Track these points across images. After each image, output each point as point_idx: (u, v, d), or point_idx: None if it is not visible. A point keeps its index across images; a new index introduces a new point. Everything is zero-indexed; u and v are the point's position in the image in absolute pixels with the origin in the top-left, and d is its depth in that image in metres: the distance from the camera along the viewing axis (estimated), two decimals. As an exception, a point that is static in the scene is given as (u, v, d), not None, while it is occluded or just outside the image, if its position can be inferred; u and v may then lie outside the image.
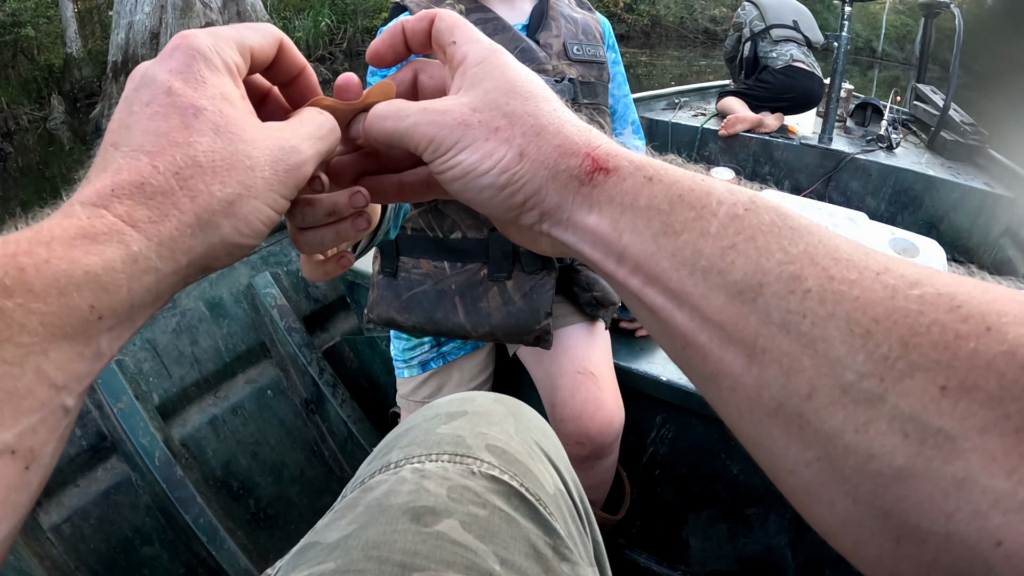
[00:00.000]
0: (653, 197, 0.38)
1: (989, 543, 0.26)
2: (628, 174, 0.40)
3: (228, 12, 10.28)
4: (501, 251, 1.25)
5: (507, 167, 0.41)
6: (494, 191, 0.42)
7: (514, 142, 0.42)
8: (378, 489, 0.57)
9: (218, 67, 0.40)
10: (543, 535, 0.57)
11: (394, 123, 0.44)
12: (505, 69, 0.44)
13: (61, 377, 0.33)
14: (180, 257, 0.37)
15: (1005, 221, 3.17)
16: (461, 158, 0.42)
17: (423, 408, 0.71)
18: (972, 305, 0.29)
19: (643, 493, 1.57)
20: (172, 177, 0.36)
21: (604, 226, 0.40)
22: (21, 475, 0.32)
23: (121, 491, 1.59)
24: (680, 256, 0.36)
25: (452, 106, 0.43)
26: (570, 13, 1.32)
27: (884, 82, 14.47)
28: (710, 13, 19.31)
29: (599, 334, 1.36)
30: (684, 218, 0.37)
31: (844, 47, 3.41)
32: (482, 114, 0.42)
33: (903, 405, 0.28)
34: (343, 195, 0.47)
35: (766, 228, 0.35)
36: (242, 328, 1.92)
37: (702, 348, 0.35)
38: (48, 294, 0.32)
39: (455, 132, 0.42)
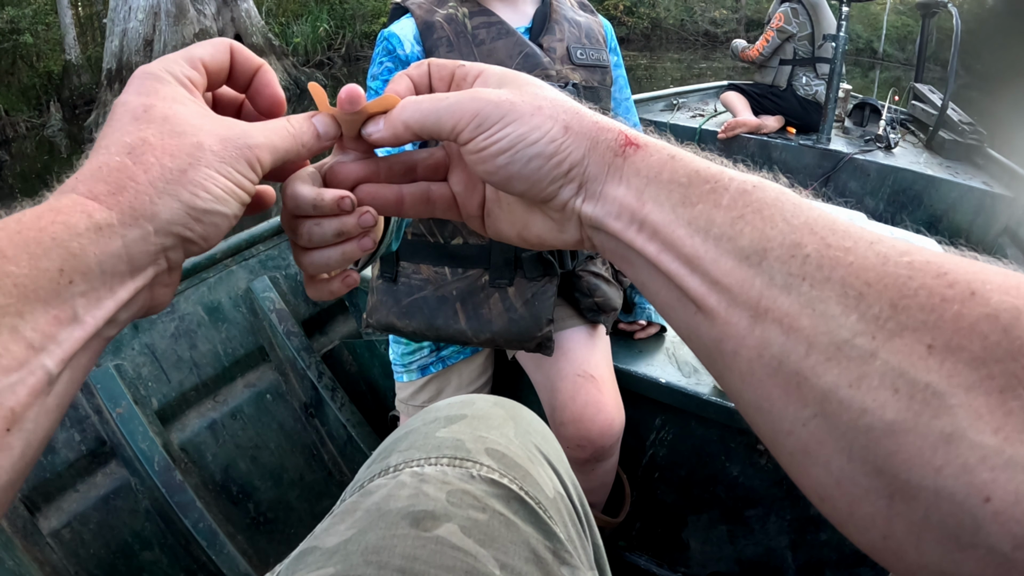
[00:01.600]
0: (675, 172, 0.42)
1: (977, 499, 0.27)
2: (655, 150, 0.43)
3: (222, 19, 10.28)
4: (503, 257, 1.24)
5: (555, 137, 0.44)
6: (542, 160, 0.44)
7: (559, 118, 0.45)
8: (377, 493, 0.57)
9: (167, 79, 0.44)
10: (543, 539, 0.57)
11: (432, 104, 0.46)
12: (527, 79, 0.48)
13: (38, 339, 0.35)
14: (144, 223, 0.39)
15: (1004, 220, 3.17)
16: (509, 130, 0.44)
17: (422, 411, 0.71)
18: (958, 273, 0.31)
19: (643, 495, 1.57)
20: (126, 156, 0.39)
21: (630, 196, 0.43)
22: (2, 436, 0.33)
23: (120, 496, 1.58)
24: (695, 224, 0.39)
25: (494, 91, 0.46)
26: (573, 16, 1.31)
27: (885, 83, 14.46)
28: (710, 15, 19.31)
29: (599, 337, 1.36)
30: (700, 191, 0.40)
31: (842, 47, 3.42)
32: (524, 96, 0.45)
33: (893, 361, 0.30)
34: (351, 216, 0.48)
35: (771, 202, 0.38)
36: (241, 332, 1.92)
37: (711, 311, 0.38)
38: (19, 258, 0.34)
39: (501, 108, 0.45)
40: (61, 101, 10.05)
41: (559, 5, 1.30)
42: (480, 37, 1.20)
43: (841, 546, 1.40)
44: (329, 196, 0.47)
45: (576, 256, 1.29)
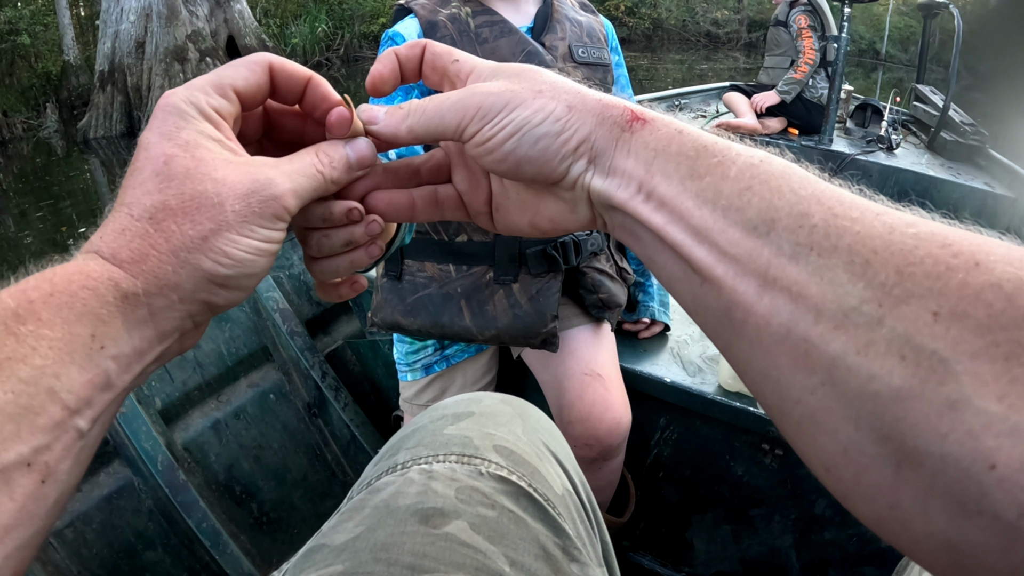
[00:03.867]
0: (683, 145, 0.42)
1: (983, 465, 0.27)
2: (662, 124, 0.44)
3: (215, 20, 10.25)
4: (507, 254, 1.24)
5: (560, 116, 0.44)
6: (550, 139, 0.45)
7: (560, 98, 0.45)
8: (385, 491, 0.57)
9: (191, 115, 0.43)
10: (552, 536, 0.57)
11: (436, 106, 0.46)
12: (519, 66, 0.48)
13: (73, 400, 0.36)
14: (169, 293, 0.40)
15: (1006, 221, 3.18)
16: (514, 115, 0.45)
17: (429, 409, 0.71)
18: (962, 244, 0.31)
19: (647, 495, 1.57)
20: (146, 222, 0.40)
21: (639, 168, 0.43)
22: (38, 487, 0.35)
23: (124, 496, 1.58)
24: (703, 196, 0.40)
25: (491, 83, 0.46)
26: (574, 16, 1.32)
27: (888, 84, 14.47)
28: (712, 16, 19.30)
29: (605, 336, 1.36)
30: (708, 163, 0.40)
31: (844, 48, 3.42)
32: (523, 83, 0.46)
33: (900, 328, 0.30)
34: (359, 226, 0.49)
35: (778, 174, 0.39)
36: (244, 332, 1.92)
37: (718, 281, 0.38)
38: (54, 323, 0.36)
39: (503, 97, 0.45)
40: (59, 102, 10.05)
41: (560, 5, 1.31)
42: (483, 35, 1.21)
43: (845, 546, 1.40)
44: (338, 209, 0.48)
45: (580, 252, 1.29)
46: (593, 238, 1.30)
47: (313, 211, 0.48)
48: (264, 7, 13.28)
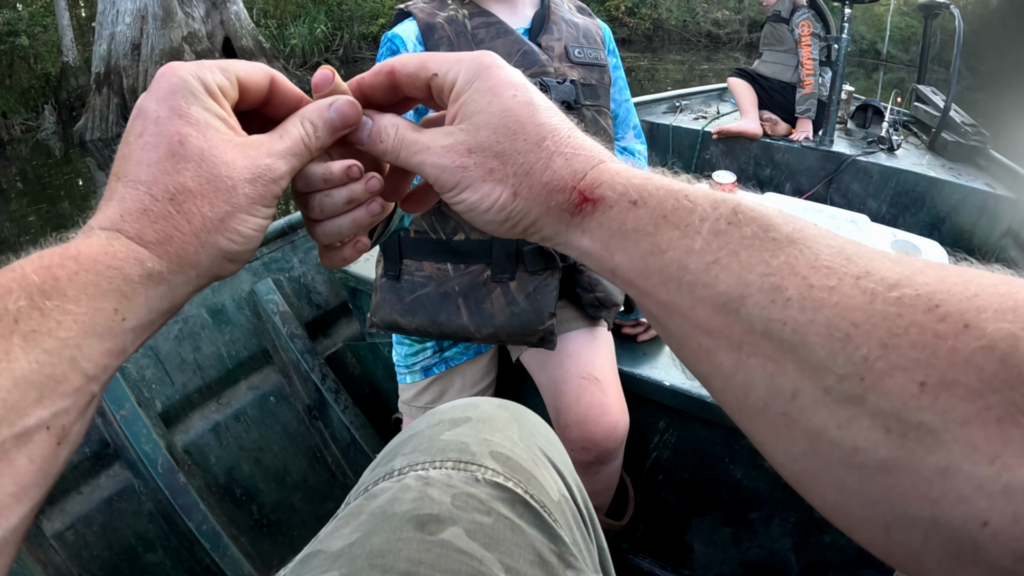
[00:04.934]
0: (639, 220, 0.41)
1: (975, 524, 0.27)
2: (613, 202, 0.43)
3: (211, 21, 10.24)
4: (504, 252, 1.25)
5: (504, 206, 0.46)
6: (496, 224, 0.47)
7: (507, 182, 0.46)
8: (382, 497, 0.57)
9: (200, 92, 0.45)
10: (548, 542, 0.57)
11: (407, 156, 0.49)
12: (495, 94, 0.47)
13: (92, 368, 0.39)
14: (189, 270, 0.43)
15: (1007, 222, 3.17)
16: (463, 197, 0.47)
17: (426, 414, 0.71)
18: (951, 304, 0.30)
19: (647, 498, 1.57)
20: (168, 203, 0.42)
21: (596, 248, 0.43)
22: (53, 449, 0.37)
23: (124, 498, 1.59)
24: (667, 272, 0.39)
25: (451, 145, 0.47)
26: (571, 18, 1.33)
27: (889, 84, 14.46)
28: (712, 16, 19.28)
29: (603, 339, 1.36)
30: (669, 237, 0.40)
31: (844, 49, 3.42)
32: (477, 155, 0.46)
33: (884, 403, 0.30)
34: (359, 183, 0.51)
35: (748, 242, 0.37)
36: (244, 335, 1.92)
37: (695, 351, 0.39)
38: (79, 299, 0.38)
39: (455, 175, 0.46)
40: (59, 103, 10.04)
41: (557, 7, 1.32)
42: (480, 36, 1.22)
43: (845, 549, 1.40)
44: (337, 167, 0.50)
45: None
46: None
47: (314, 173, 0.50)
48: (263, 8, 13.27)
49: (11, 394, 0.35)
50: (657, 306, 0.40)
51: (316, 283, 2.11)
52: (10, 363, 0.35)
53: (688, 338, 0.39)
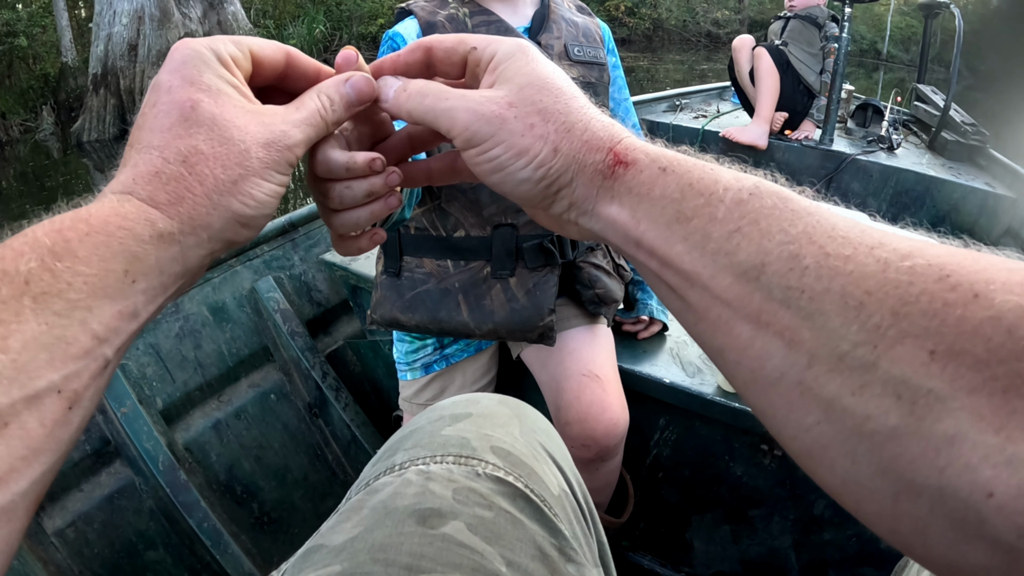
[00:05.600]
0: (666, 187, 0.41)
1: (981, 495, 0.27)
2: (644, 166, 0.43)
3: (208, 22, 10.23)
4: (504, 249, 1.25)
5: (543, 162, 0.45)
6: (530, 184, 0.46)
7: (548, 138, 0.45)
8: (383, 491, 0.57)
9: (211, 61, 0.45)
10: (548, 536, 0.57)
11: (433, 101, 0.47)
12: (535, 64, 0.47)
13: (102, 330, 0.39)
14: (200, 232, 0.43)
15: (1007, 221, 3.18)
16: (497, 152, 0.45)
17: (427, 410, 0.71)
18: (961, 274, 0.31)
19: (647, 495, 1.57)
20: (180, 165, 0.42)
21: (624, 215, 0.43)
22: (65, 414, 0.37)
23: (125, 496, 1.59)
24: (691, 240, 0.39)
25: (489, 98, 0.46)
26: (571, 17, 1.33)
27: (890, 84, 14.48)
28: (712, 16, 19.32)
29: (603, 336, 1.36)
30: (694, 205, 0.40)
31: (845, 48, 3.42)
32: (518, 109, 0.45)
33: (895, 370, 0.30)
34: (379, 177, 0.51)
35: (768, 211, 0.38)
36: (245, 332, 1.93)
37: (712, 323, 0.39)
38: (90, 260, 0.38)
39: (491, 124, 0.45)
40: (57, 103, 10.03)
41: (557, 7, 1.33)
42: None
43: (844, 546, 1.40)
44: (361, 159, 0.50)
45: (576, 247, 1.30)
46: None
47: (337, 161, 0.50)
48: (261, 8, 13.28)
49: (21, 355, 0.35)
50: (678, 277, 0.40)
51: (317, 281, 2.11)
52: (20, 325, 0.35)
53: (707, 310, 0.39)
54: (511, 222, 1.24)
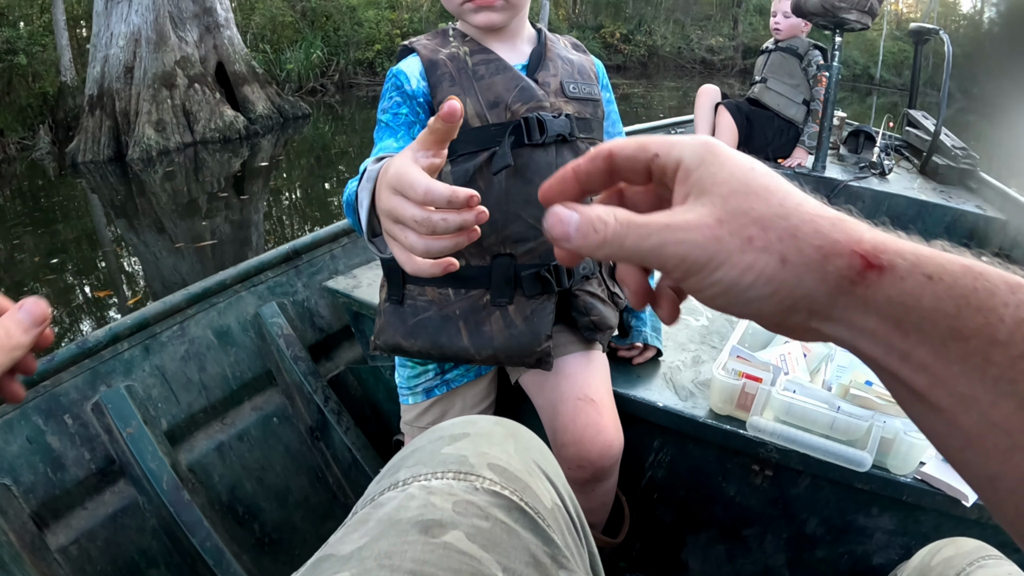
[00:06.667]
0: (938, 299, 0.37)
1: None
2: (905, 272, 0.38)
3: (205, 46, 10.19)
4: (503, 277, 1.29)
5: (771, 277, 0.39)
6: (762, 301, 0.41)
7: (772, 249, 0.39)
8: (388, 505, 0.61)
9: None
10: (542, 545, 0.61)
11: (636, 242, 0.42)
12: (731, 165, 0.43)
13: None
14: None
15: (997, 242, 3.23)
16: (719, 276, 0.40)
17: (427, 431, 0.75)
18: None
19: (642, 516, 1.60)
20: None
21: (885, 327, 0.38)
22: None
23: (128, 514, 1.61)
24: (970, 362, 0.35)
25: (695, 219, 0.41)
26: (566, 55, 1.38)
27: (883, 108, 14.58)
28: (707, 43, 19.46)
29: (598, 362, 1.40)
30: (973, 324, 0.36)
31: (836, 77, 3.46)
32: (730, 224, 0.40)
33: None
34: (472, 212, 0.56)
35: None
36: (249, 356, 1.96)
37: (987, 451, 0.35)
38: None
39: (707, 249, 0.40)
40: (55, 122, 9.96)
41: (553, 45, 1.37)
42: (480, 72, 1.27)
43: (837, 564, 1.43)
44: (464, 192, 0.55)
45: (572, 275, 1.34)
46: (584, 262, 1.35)
47: (440, 193, 0.55)
48: (259, 32, 13.37)
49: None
50: (952, 398, 0.36)
51: (319, 307, 2.14)
52: None
53: (982, 436, 0.35)
54: (509, 252, 1.28)
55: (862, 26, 3.33)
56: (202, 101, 9.57)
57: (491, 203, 1.24)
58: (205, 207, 6.86)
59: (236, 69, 10.49)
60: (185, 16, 10.00)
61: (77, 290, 5.02)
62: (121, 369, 1.70)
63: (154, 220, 6.59)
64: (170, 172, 8.14)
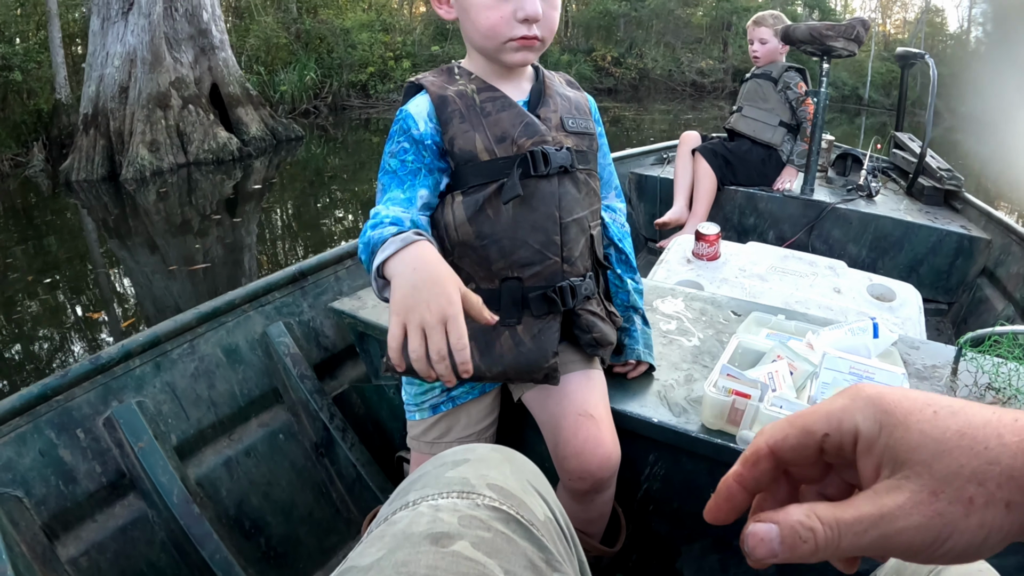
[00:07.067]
0: None
1: None
2: None
3: (199, 67, 10.20)
4: (511, 299, 1.36)
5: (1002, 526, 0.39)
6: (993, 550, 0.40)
7: (995, 500, 0.39)
8: (401, 523, 0.69)
9: None
10: (537, 551, 0.69)
11: (852, 542, 0.42)
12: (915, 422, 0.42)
13: None
14: None
15: (982, 262, 3.32)
16: (950, 546, 0.40)
17: (432, 459, 0.84)
18: None
19: (639, 527, 1.65)
20: None
21: None
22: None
23: (138, 527, 1.65)
24: None
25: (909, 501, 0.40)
26: (563, 91, 1.45)
27: (872, 129, 14.73)
28: (697, 66, 19.59)
29: (597, 380, 1.47)
30: None
31: (823, 103, 3.53)
32: (948, 493, 0.39)
33: None
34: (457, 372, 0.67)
35: None
36: (256, 374, 2.01)
37: None
38: None
39: (932, 527, 0.40)
40: (49, 140, 9.94)
41: (551, 82, 1.45)
42: (487, 110, 1.33)
43: (827, 571, 1.48)
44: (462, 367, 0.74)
45: (576, 295, 1.41)
46: (586, 283, 1.42)
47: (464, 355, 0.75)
48: (254, 54, 13.43)
49: None
50: None
51: (324, 327, 2.20)
52: None
53: None
54: (517, 275, 1.35)
55: (849, 53, 3.41)
56: (196, 122, 9.61)
57: (500, 230, 1.32)
58: (198, 228, 6.87)
59: (230, 91, 10.52)
60: (180, 37, 10.04)
61: (68, 309, 5.03)
62: (133, 385, 1.75)
63: (147, 241, 6.60)
64: (163, 193, 8.14)
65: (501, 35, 1.29)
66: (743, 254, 2.78)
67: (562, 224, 1.36)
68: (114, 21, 9.29)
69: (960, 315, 3.39)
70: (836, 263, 2.68)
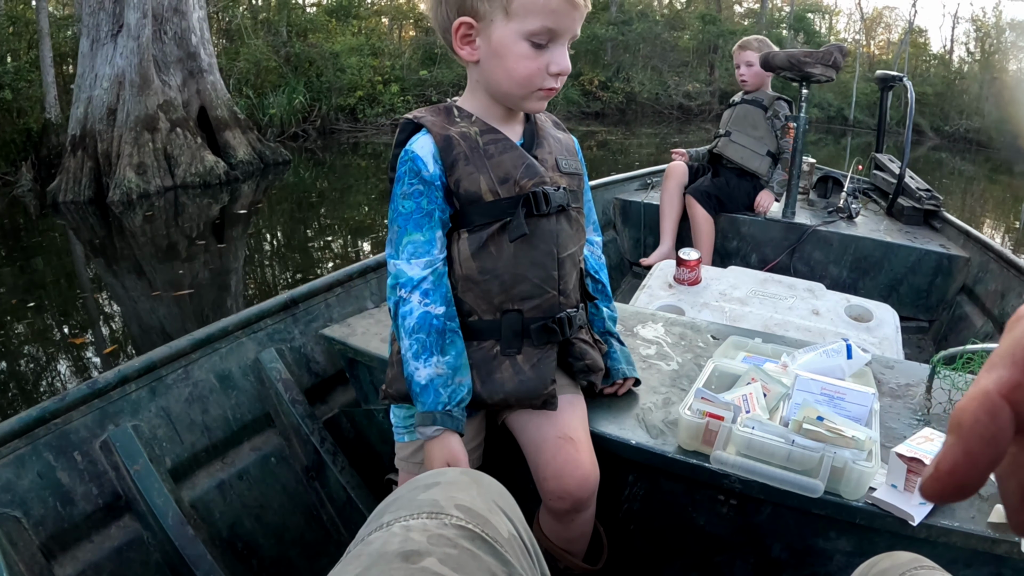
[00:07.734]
0: None
1: None
2: None
3: (188, 90, 10.17)
4: (512, 330, 1.43)
5: None
6: None
7: None
8: (376, 543, 0.74)
9: None
10: (500, 566, 0.75)
11: None
12: None
13: None
14: None
15: (961, 280, 3.39)
16: None
17: (406, 483, 0.90)
18: None
19: (621, 547, 1.69)
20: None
21: None
22: None
23: (133, 548, 1.68)
24: None
25: None
26: (554, 133, 1.52)
27: (857, 149, 14.87)
28: (684, 89, 19.72)
29: (577, 404, 1.53)
30: None
31: (803, 127, 3.61)
32: None
33: None
34: None
35: None
36: (249, 399, 2.05)
37: None
38: None
39: None
40: (38, 159, 9.85)
41: (542, 125, 1.51)
42: (490, 151, 1.38)
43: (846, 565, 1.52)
44: None
45: (572, 326, 1.48)
46: (579, 314, 1.50)
47: None
48: (242, 77, 13.47)
49: None
50: None
51: (315, 353, 2.25)
52: None
53: None
54: (517, 308, 1.42)
55: (827, 79, 3.48)
56: (183, 145, 9.57)
57: (502, 266, 1.39)
58: (184, 253, 6.85)
59: (218, 114, 10.51)
60: (169, 60, 10.06)
61: (53, 332, 5.02)
62: (129, 409, 1.79)
63: (133, 265, 6.58)
64: (149, 216, 8.11)
65: (533, 84, 1.34)
66: (724, 278, 2.84)
67: (559, 259, 1.43)
68: (103, 43, 9.27)
69: (941, 332, 3.46)
70: (815, 285, 2.74)
